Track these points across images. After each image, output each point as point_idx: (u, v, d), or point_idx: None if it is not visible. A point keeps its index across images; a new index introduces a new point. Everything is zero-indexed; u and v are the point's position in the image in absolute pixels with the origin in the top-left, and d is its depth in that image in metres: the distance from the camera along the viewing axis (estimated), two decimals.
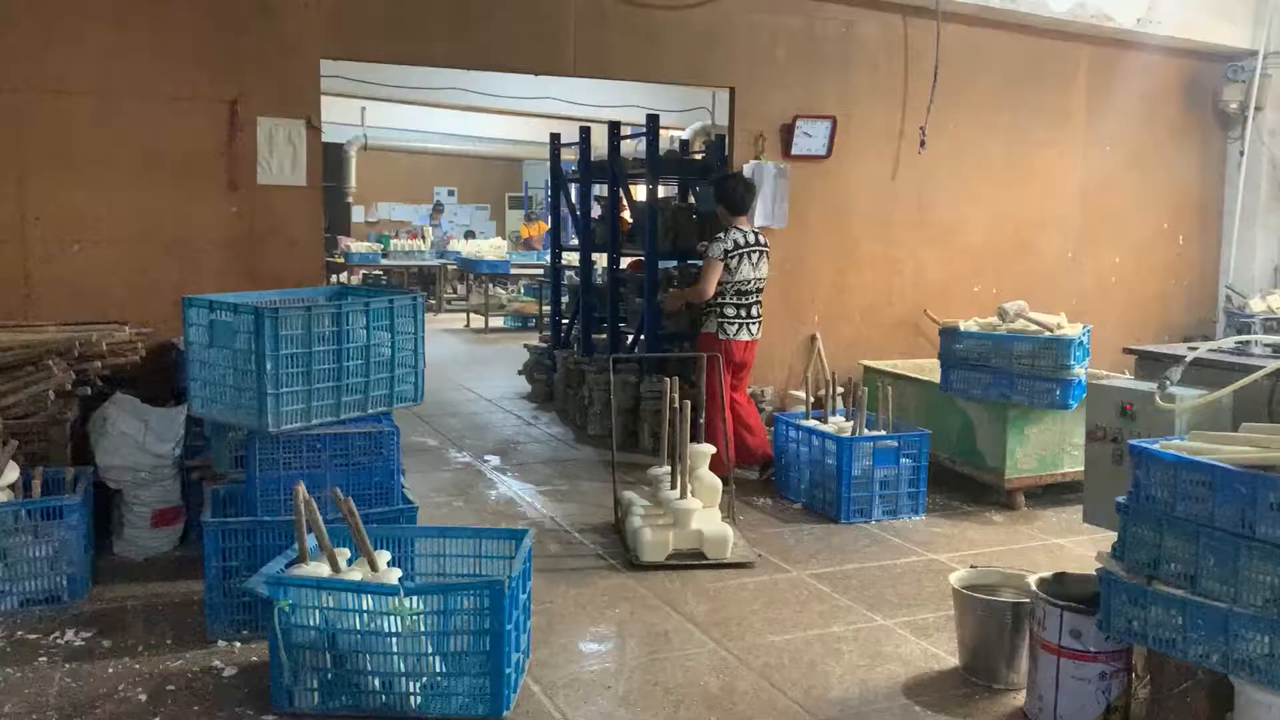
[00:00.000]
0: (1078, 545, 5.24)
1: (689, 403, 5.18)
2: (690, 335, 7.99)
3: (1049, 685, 3.35)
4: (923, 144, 7.12)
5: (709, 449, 5.34)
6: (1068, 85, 7.80)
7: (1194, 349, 3.48)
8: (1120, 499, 3.10)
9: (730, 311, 6.27)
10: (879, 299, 7.34)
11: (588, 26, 6.34)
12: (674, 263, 8.76)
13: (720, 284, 6.18)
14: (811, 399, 6.40)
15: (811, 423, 6.10)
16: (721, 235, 6.23)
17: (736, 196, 6.31)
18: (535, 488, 6.33)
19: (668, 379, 5.34)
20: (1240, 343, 3.63)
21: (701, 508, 5.01)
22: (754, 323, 6.38)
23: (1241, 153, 8.25)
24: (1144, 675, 3.35)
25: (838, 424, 6.08)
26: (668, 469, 5.25)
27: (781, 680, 3.72)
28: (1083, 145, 7.91)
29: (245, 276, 5.59)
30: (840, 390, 6.55)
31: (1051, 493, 6.05)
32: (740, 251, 6.23)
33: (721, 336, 6.25)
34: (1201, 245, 8.52)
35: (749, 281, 6.31)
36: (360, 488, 4.21)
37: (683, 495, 5.01)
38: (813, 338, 7.14)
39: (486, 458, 7.10)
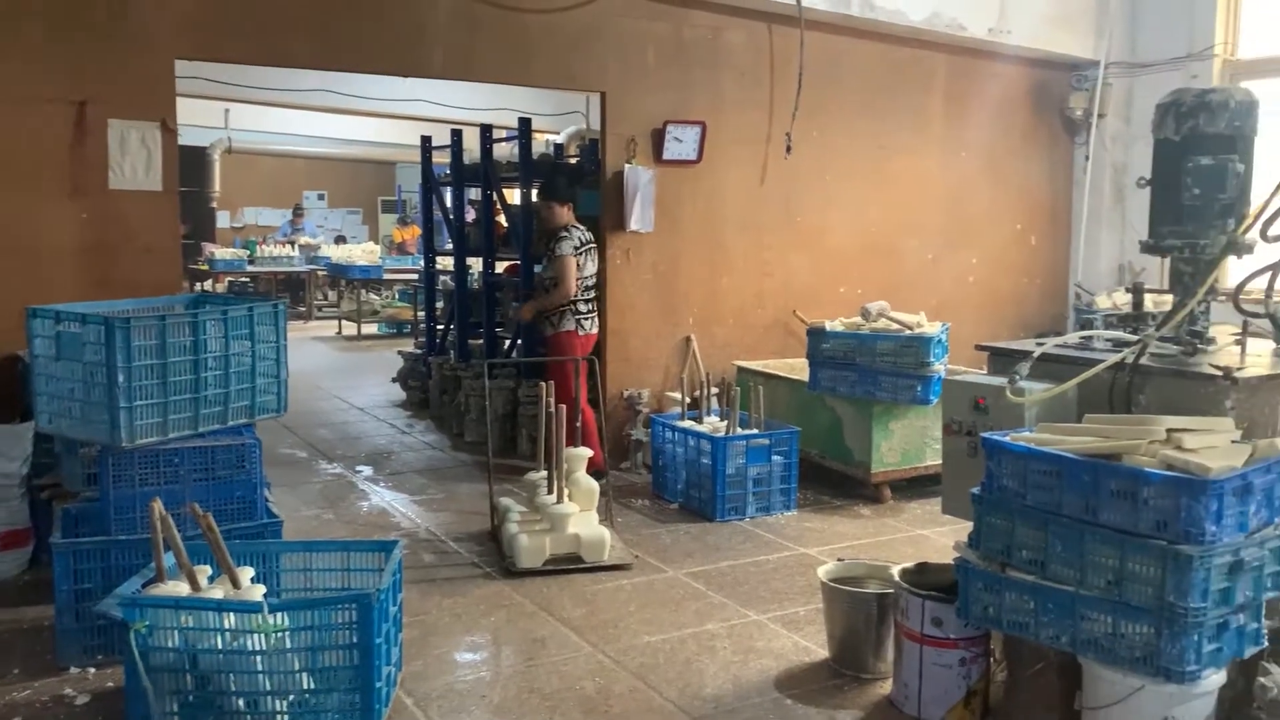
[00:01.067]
0: (940, 535, 5.43)
1: (564, 406, 5.19)
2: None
3: (913, 673, 3.46)
4: (789, 149, 7.27)
5: (586, 452, 5.36)
6: (926, 92, 8.08)
7: (1041, 344, 3.65)
8: (975, 490, 3.22)
9: (583, 308, 6.50)
10: (751, 301, 7.46)
11: (455, 28, 6.27)
12: None
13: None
14: (687, 400, 6.48)
15: (687, 423, 6.17)
16: (566, 233, 6.41)
17: (570, 191, 6.58)
18: (409, 497, 6.23)
19: (544, 383, 5.32)
20: (1084, 338, 3.81)
21: (578, 511, 5.01)
22: (595, 316, 6.66)
23: (1087, 157, 8.68)
24: (1001, 659, 3.50)
25: (713, 424, 6.17)
26: (544, 474, 5.23)
27: (657, 680, 3.75)
28: (941, 151, 8.20)
29: (97, 285, 5.32)
30: (715, 391, 6.65)
31: (916, 485, 6.25)
32: (585, 248, 6.48)
33: (580, 333, 6.47)
34: (1052, 246, 8.93)
35: (591, 276, 6.57)
36: (222, 502, 4.07)
37: (559, 500, 5.00)
38: (688, 339, 7.21)
39: (358, 468, 6.95)
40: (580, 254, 6.41)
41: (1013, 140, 8.59)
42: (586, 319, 6.52)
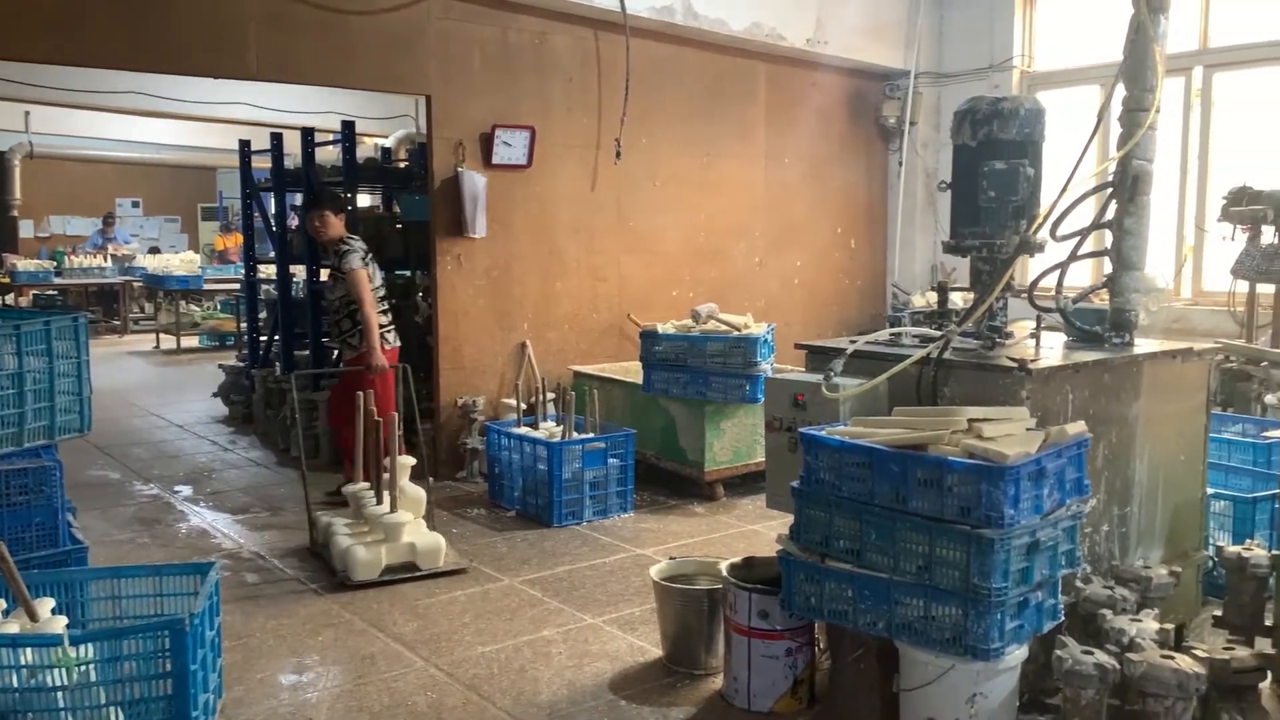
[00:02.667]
0: (771, 529, 5.57)
1: (393, 415, 5.08)
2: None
3: (742, 665, 3.54)
4: (618, 154, 7.34)
5: (410, 461, 5.26)
6: (749, 100, 8.29)
7: (854, 342, 3.79)
8: (795, 484, 3.32)
9: (382, 320, 6.11)
10: (585, 305, 7.49)
11: (270, 29, 6.05)
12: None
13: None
14: (523, 406, 6.45)
15: (523, 430, 6.14)
16: (348, 245, 6.01)
17: (342, 199, 6.19)
18: (232, 517, 5.97)
19: (361, 393, 5.18)
20: (894, 334, 3.98)
21: (412, 520, 4.93)
22: (394, 329, 6.26)
23: (900, 163, 9.10)
24: (826, 648, 3.61)
25: (549, 429, 6.16)
26: (365, 485, 5.13)
27: (491, 690, 3.71)
28: (765, 157, 8.43)
29: None
30: (551, 396, 6.64)
31: (748, 482, 6.40)
32: (368, 256, 6.10)
33: (386, 347, 6.07)
34: (870, 248, 9.32)
35: (381, 286, 6.22)
36: (19, 530, 3.81)
37: (392, 509, 4.90)
38: (523, 345, 7.18)
39: (177, 488, 6.62)
40: (368, 264, 6.03)
41: (832, 147, 8.91)
42: (389, 331, 6.13)
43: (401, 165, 9.22)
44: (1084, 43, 8.26)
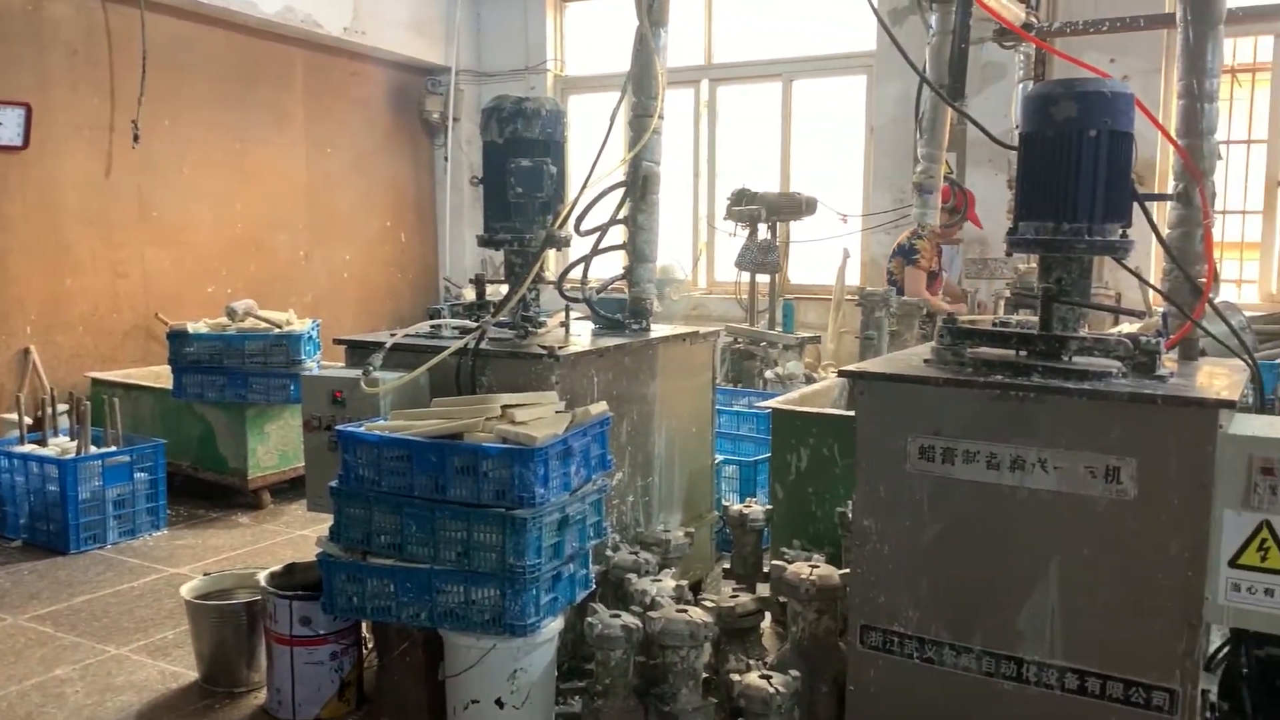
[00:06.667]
0: (320, 533, 5.37)
1: None
2: None
3: (285, 676, 3.39)
4: (136, 138, 6.70)
5: None
6: (285, 87, 7.95)
7: (394, 335, 3.77)
8: (333, 483, 3.24)
9: None
10: (104, 304, 6.76)
11: None
12: None
13: None
14: (29, 421, 5.68)
15: (29, 448, 5.42)
16: None
17: None
18: None
19: None
20: (434, 326, 4.01)
21: None
22: None
23: (446, 159, 9.21)
24: (373, 646, 3.57)
25: (61, 445, 5.49)
26: None
27: None
28: (305, 146, 8.14)
29: None
30: (64, 408, 5.91)
31: (297, 486, 6.13)
32: None
33: None
34: (421, 241, 9.35)
35: None
36: None
37: None
38: (26, 351, 6.33)
39: None
40: None
41: (377, 139, 8.81)
42: None
43: None
44: (612, 51, 8.88)
